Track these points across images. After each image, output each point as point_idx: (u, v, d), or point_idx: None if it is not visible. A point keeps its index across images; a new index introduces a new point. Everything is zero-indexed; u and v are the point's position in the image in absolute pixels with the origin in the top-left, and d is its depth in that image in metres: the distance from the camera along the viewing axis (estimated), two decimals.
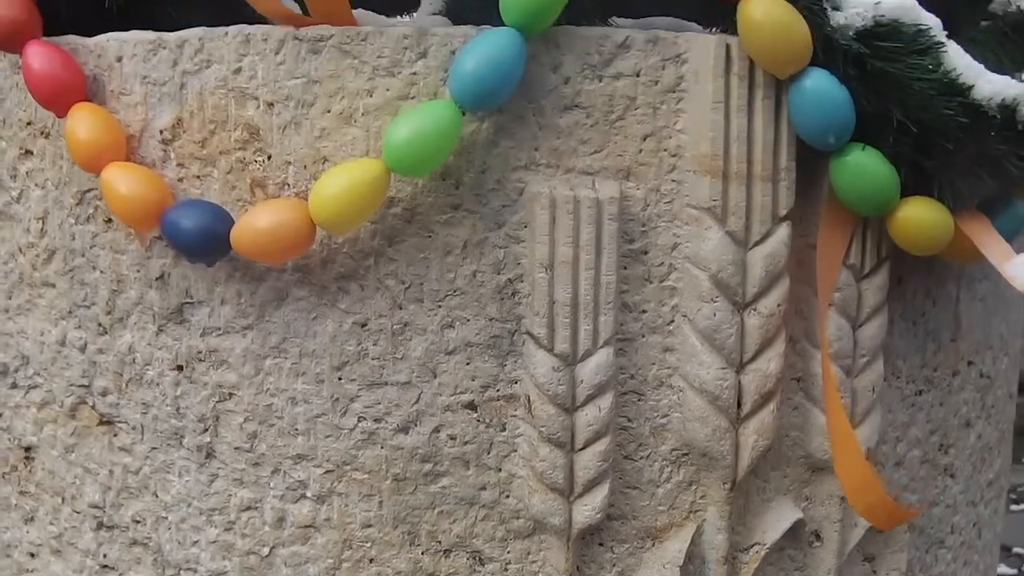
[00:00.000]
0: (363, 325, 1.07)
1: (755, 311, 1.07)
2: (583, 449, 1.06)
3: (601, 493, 1.07)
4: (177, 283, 1.11)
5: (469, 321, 1.06)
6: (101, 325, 1.16)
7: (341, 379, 1.08)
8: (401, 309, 1.07)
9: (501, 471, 1.08)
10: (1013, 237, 1.17)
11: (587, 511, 1.06)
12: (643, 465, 1.10)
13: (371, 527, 1.09)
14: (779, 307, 1.07)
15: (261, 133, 1.07)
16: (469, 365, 1.07)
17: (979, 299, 1.29)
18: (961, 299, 1.26)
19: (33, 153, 1.18)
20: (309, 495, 1.11)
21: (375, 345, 1.07)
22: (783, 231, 1.07)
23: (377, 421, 1.08)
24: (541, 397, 1.05)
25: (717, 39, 1.04)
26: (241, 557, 1.12)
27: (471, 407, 1.08)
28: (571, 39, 1.05)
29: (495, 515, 1.09)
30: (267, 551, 1.12)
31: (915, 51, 1.04)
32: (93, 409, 1.19)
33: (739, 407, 1.08)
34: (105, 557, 1.19)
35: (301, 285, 1.08)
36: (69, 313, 1.18)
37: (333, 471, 1.10)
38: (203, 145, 1.09)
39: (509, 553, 1.09)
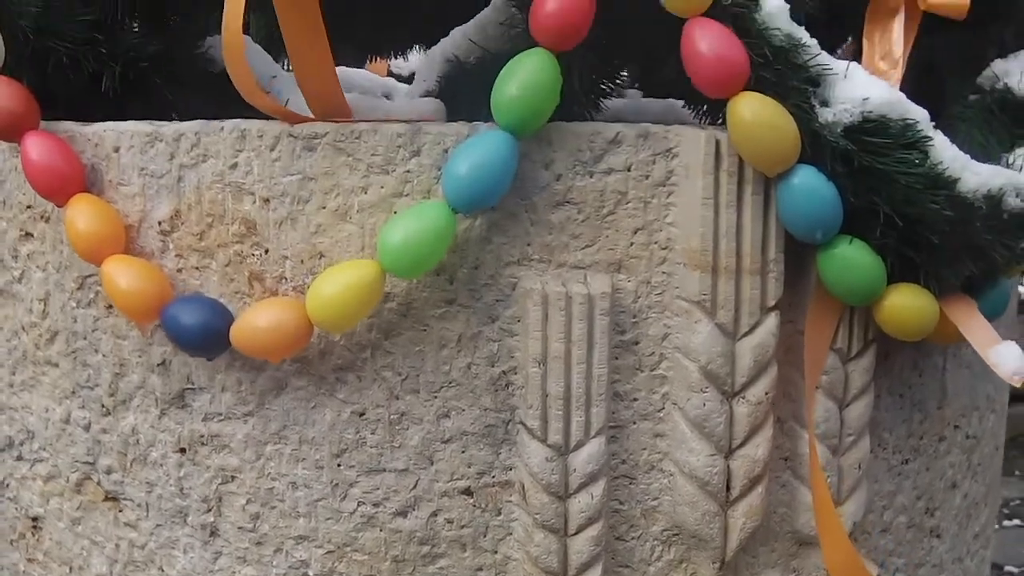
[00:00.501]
0: (361, 414, 1.10)
1: (744, 399, 1.09)
2: (576, 534, 1.09)
3: (594, 575, 1.10)
4: (178, 369, 1.14)
5: (464, 411, 1.09)
6: (104, 406, 1.18)
7: (340, 465, 1.11)
8: (398, 399, 1.09)
9: (497, 553, 1.12)
10: (999, 313, 1.20)
11: None
12: (634, 545, 1.13)
13: None
14: (767, 395, 1.10)
15: (258, 228, 1.09)
16: (465, 453, 1.10)
17: (965, 366, 1.31)
18: (948, 368, 1.28)
19: (34, 236, 1.20)
20: (311, 574, 1.14)
21: (373, 434, 1.10)
22: (771, 322, 1.09)
23: (376, 505, 1.11)
24: (535, 485, 1.07)
25: (707, 135, 1.06)
26: None
27: (467, 493, 1.11)
28: (562, 136, 1.06)
29: None
30: None
31: (902, 145, 1.05)
32: (98, 485, 1.21)
33: (728, 491, 1.11)
34: None
35: (300, 375, 1.10)
36: (72, 393, 1.20)
37: (334, 552, 1.13)
38: (201, 237, 1.10)
39: None
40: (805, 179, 1.04)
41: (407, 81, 2.34)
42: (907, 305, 1.10)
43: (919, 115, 1.07)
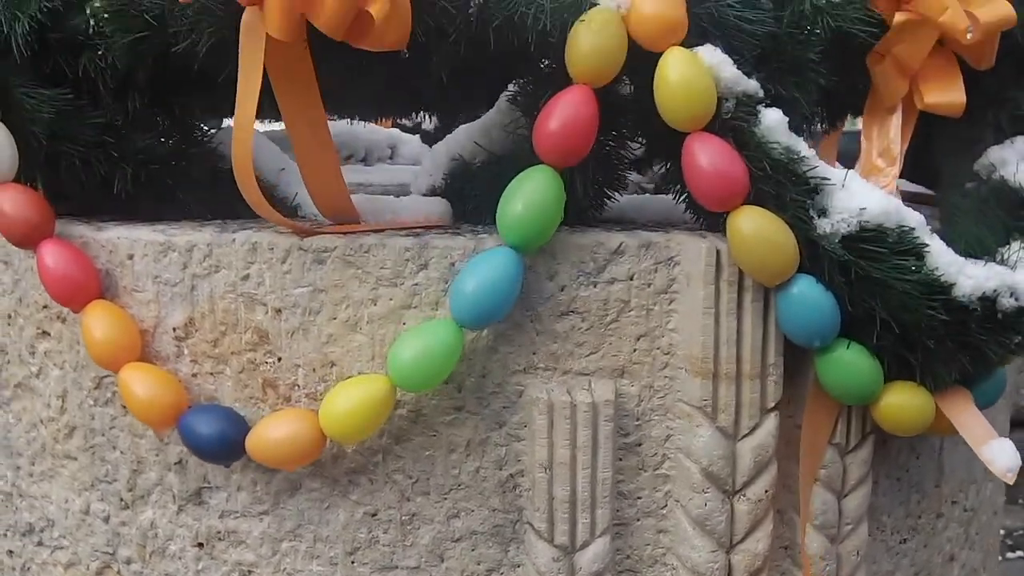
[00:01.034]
0: (373, 515, 1.13)
1: (744, 497, 1.12)
2: None
3: None
4: (195, 469, 1.17)
5: (474, 512, 1.12)
6: (123, 500, 1.22)
7: (354, 563, 1.15)
8: (409, 501, 1.13)
9: None
10: (994, 401, 1.22)
11: None
12: None
13: None
14: (767, 492, 1.13)
15: (271, 337, 1.12)
16: (474, 551, 1.13)
17: (962, 442, 1.34)
18: (944, 446, 1.32)
19: (50, 335, 1.23)
20: None
21: (385, 533, 1.14)
22: (771, 423, 1.12)
23: None
24: None
25: (708, 246, 1.08)
26: None
27: None
28: (566, 248, 1.09)
29: None
30: None
31: (898, 252, 1.08)
32: (118, 574, 1.25)
33: None
34: None
35: (314, 477, 1.13)
36: (91, 486, 1.24)
37: None
38: (215, 344, 1.13)
39: None
40: (804, 289, 1.07)
41: (412, 131, 2.37)
42: (904, 404, 1.12)
43: (915, 221, 1.10)
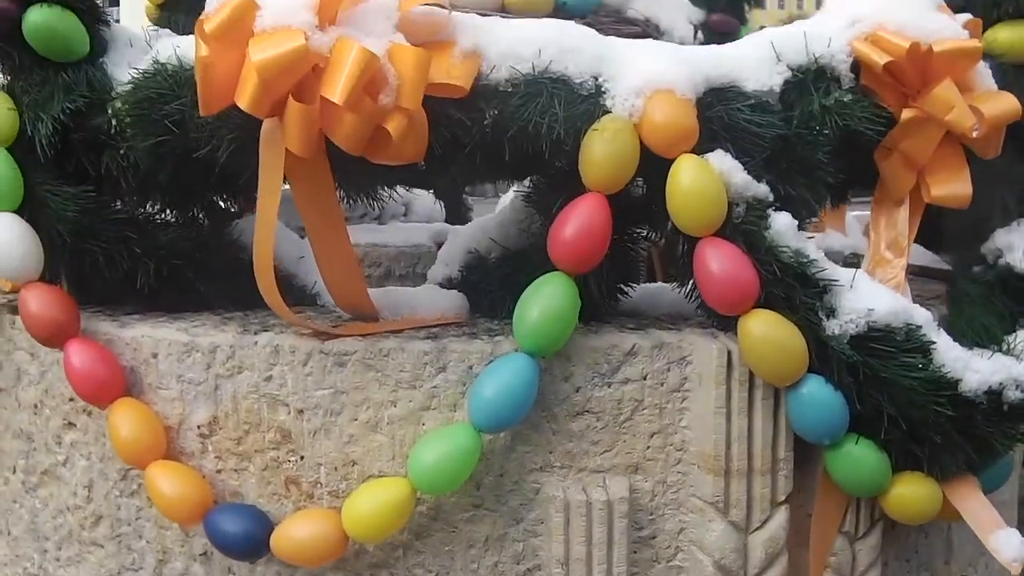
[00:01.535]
0: None
1: None
2: None
3: None
4: (220, 560, 1.20)
5: None
6: None
7: None
8: None
9: None
10: (1000, 485, 1.24)
11: None
12: None
13: None
14: None
15: (293, 436, 1.14)
16: None
17: None
18: (953, 525, 1.34)
19: (76, 426, 1.26)
20: None
21: None
22: (781, 516, 1.14)
23: None
24: None
25: (719, 347, 1.11)
26: None
27: None
28: (581, 351, 1.11)
29: None
30: None
31: (906, 350, 1.10)
32: None
33: None
34: None
35: (336, 571, 1.16)
36: (118, 574, 1.26)
37: None
38: (239, 442, 1.16)
39: None
40: (813, 390, 1.09)
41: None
42: (912, 495, 1.15)
43: (922, 319, 1.12)
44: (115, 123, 1.21)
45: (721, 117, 1.11)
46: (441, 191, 2.26)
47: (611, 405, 1.12)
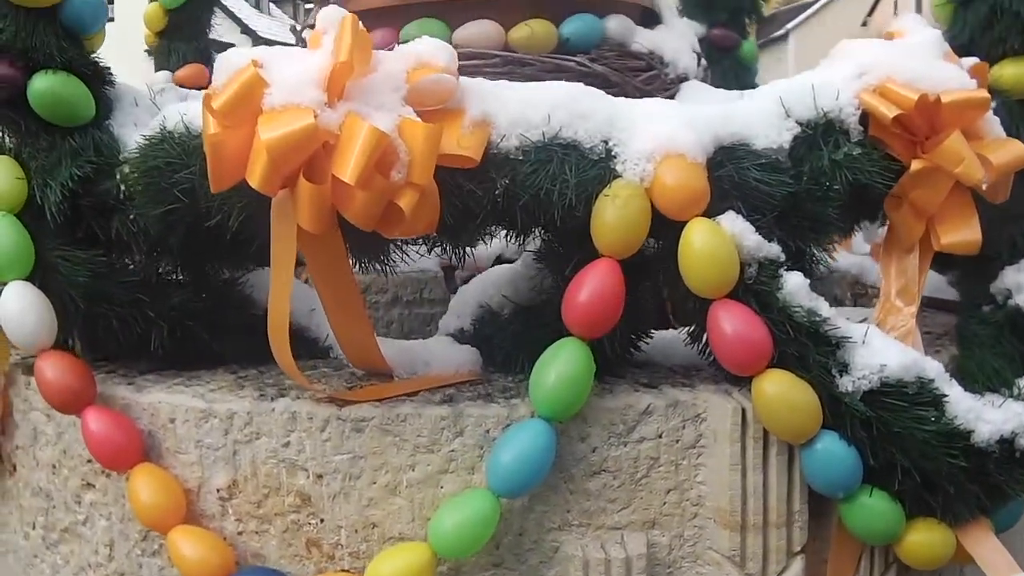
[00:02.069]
0: None
1: None
2: None
3: None
4: None
5: None
6: None
7: None
8: None
9: None
10: (1012, 525, 1.26)
11: None
12: None
13: None
14: None
15: (313, 500, 1.15)
16: None
17: None
18: (965, 571, 1.35)
19: (96, 487, 1.27)
20: None
21: None
22: (797, 566, 1.16)
23: None
24: None
25: (734, 405, 1.12)
26: None
27: None
28: (597, 412, 1.12)
29: None
30: None
31: (918, 404, 1.11)
32: None
33: None
34: None
35: None
36: None
37: None
38: (259, 506, 1.17)
39: None
40: (827, 445, 1.10)
41: None
42: (926, 542, 1.16)
43: (934, 371, 1.13)
44: (124, 188, 1.21)
45: (731, 176, 1.11)
46: None
47: (627, 463, 1.13)
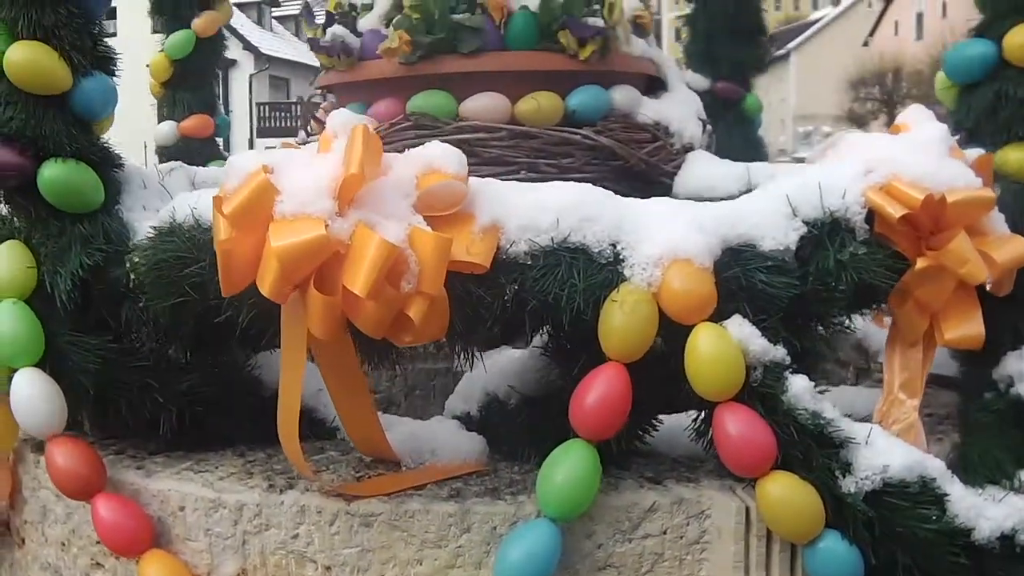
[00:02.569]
0: None
1: None
2: None
3: None
4: None
5: None
6: None
7: None
8: None
9: None
10: None
11: None
12: None
13: None
14: None
15: None
16: None
17: None
18: None
19: (105, 567, 1.28)
20: None
21: None
22: None
23: None
24: None
25: (737, 505, 1.13)
26: None
27: None
28: (602, 510, 1.13)
29: None
30: None
31: (921, 503, 1.12)
32: None
33: None
34: None
35: None
36: None
37: None
38: None
39: None
40: (830, 545, 1.11)
41: None
42: None
43: (937, 470, 1.14)
44: (133, 277, 1.22)
45: (738, 278, 1.12)
46: None
47: (632, 559, 1.15)
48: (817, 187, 1.18)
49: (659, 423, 1.23)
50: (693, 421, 1.19)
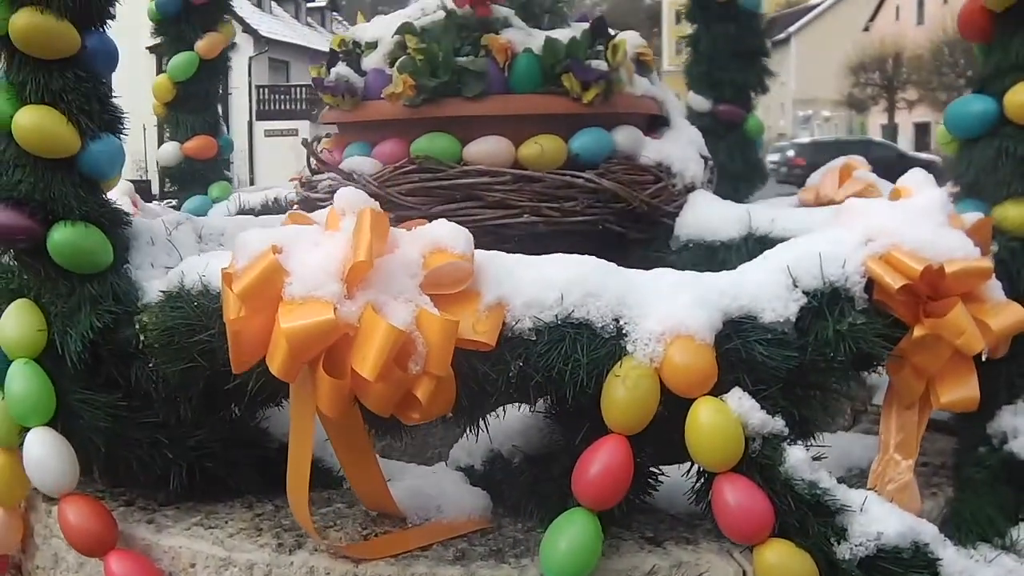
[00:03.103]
0: None
1: None
2: None
3: None
4: None
5: None
6: None
7: None
8: None
9: None
10: None
11: None
12: None
13: None
14: None
15: None
16: None
17: None
18: None
19: None
20: None
21: None
22: None
23: None
24: None
25: (736, 568, 1.16)
26: None
27: None
28: (604, 574, 1.16)
29: None
30: None
31: (914, 568, 1.15)
32: None
33: None
34: None
35: None
36: None
37: None
38: None
39: None
40: None
41: None
42: None
43: (929, 535, 1.17)
44: (143, 338, 1.23)
45: (738, 350, 1.14)
46: None
47: None
48: (817, 257, 1.20)
49: (661, 477, 1.25)
50: (692, 485, 1.21)
